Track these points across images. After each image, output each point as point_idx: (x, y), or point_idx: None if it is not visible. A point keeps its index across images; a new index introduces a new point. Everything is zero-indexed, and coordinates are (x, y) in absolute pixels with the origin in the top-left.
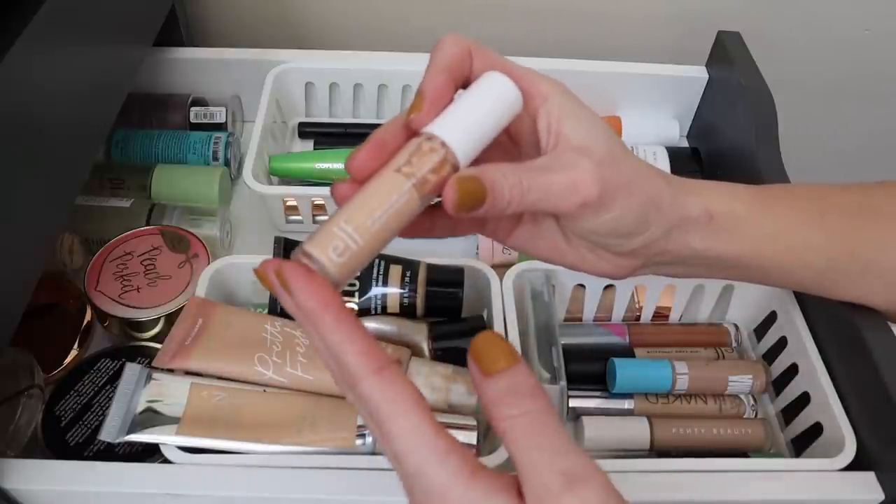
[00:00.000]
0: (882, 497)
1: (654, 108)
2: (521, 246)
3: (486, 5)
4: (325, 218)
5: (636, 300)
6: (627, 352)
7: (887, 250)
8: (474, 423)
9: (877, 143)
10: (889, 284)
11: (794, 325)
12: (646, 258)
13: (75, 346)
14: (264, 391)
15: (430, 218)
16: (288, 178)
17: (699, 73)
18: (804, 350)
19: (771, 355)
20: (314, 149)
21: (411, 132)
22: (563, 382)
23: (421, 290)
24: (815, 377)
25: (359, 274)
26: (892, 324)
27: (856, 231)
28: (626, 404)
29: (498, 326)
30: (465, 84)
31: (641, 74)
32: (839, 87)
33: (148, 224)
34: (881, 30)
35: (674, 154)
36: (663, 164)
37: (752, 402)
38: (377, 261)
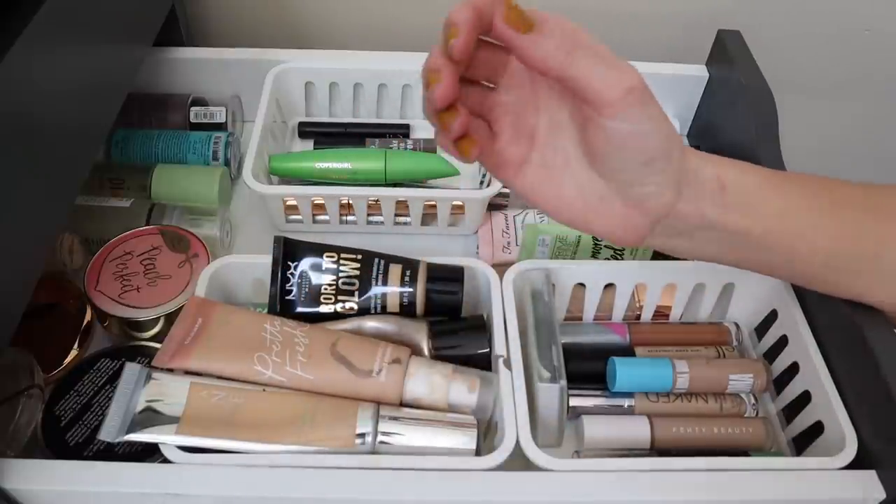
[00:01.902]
0: (883, 496)
1: None
2: (529, 189)
3: None
4: (326, 217)
5: (636, 299)
6: (628, 351)
7: (893, 247)
8: (474, 422)
9: (877, 143)
10: (893, 282)
11: (795, 324)
12: (656, 216)
13: (75, 346)
14: (264, 391)
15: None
16: (288, 178)
17: (699, 72)
18: (805, 349)
19: (772, 354)
20: (314, 148)
21: (454, 59)
22: (564, 381)
23: (421, 289)
24: (816, 376)
25: (358, 273)
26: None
27: (863, 224)
28: (627, 403)
29: (498, 326)
30: (486, 32)
31: (641, 73)
32: (839, 86)
33: (148, 224)
34: (881, 30)
35: None
36: None
37: (752, 400)
38: (377, 260)
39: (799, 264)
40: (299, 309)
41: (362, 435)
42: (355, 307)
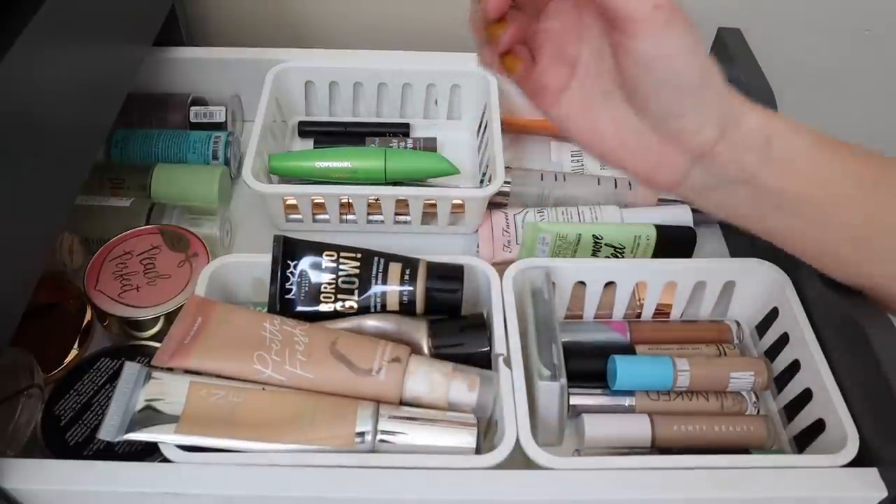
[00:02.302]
0: (885, 493)
1: None
2: (564, 118)
3: None
4: (326, 216)
5: (637, 297)
6: (628, 349)
7: None
8: (474, 421)
9: (877, 142)
10: None
11: (796, 322)
12: (694, 153)
13: (75, 345)
14: (263, 389)
15: None
16: (288, 177)
17: None
18: (806, 346)
19: (773, 352)
20: (314, 147)
21: None
22: (564, 380)
23: (420, 287)
24: (817, 373)
25: (358, 272)
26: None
27: None
28: (627, 402)
29: (498, 324)
30: None
31: None
32: (839, 85)
33: (148, 223)
34: (881, 30)
35: None
36: None
37: (753, 398)
38: (376, 259)
39: (830, 239)
40: (299, 308)
41: (362, 434)
42: (355, 306)
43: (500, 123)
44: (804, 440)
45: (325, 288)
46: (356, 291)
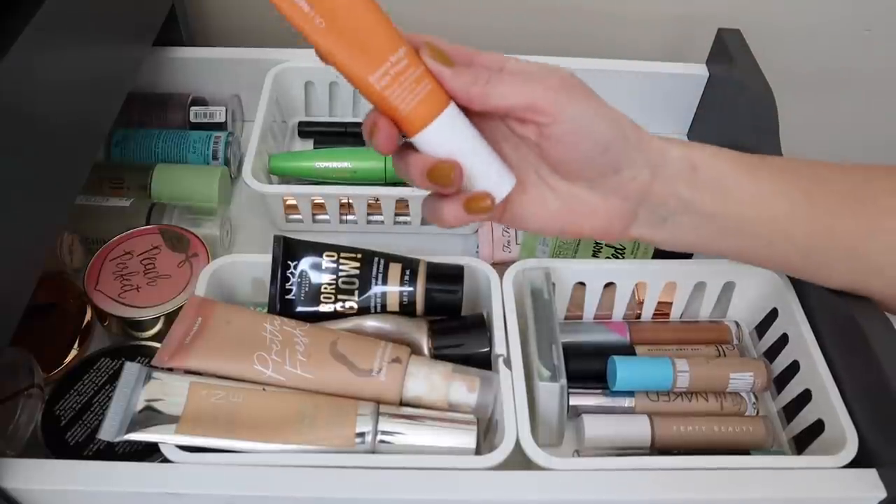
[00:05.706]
0: (884, 494)
1: (655, 106)
2: (519, 219)
3: (485, 4)
4: (326, 217)
5: (637, 298)
6: (628, 350)
7: (873, 238)
8: (474, 421)
9: (876, 142)
10: (875, 272)
11: (796, 322)
12: (636, 198)
13: (75, 345)
14: (264, 390)
15: None
16: (288, 178)
17: (700, 71)
18: (805, 347)
19: (772, 353)
20: (314, 148)
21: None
22: (564, 380)
23: (420, 288)
24: (817, 374)
25: (358, 273)
26: (891, 315)
27: (842, 214)
28: (627, 402)
29: (498, 325)
30: None
31: (642, 73)
32: (839, 86)
33: (148, 223)
34: (881, 30)
35: None
36: None
37: (753, 399)
38: (376, 259)
39: (779, 253)
40: (299, 308)
41: (362, 434)
42: (355, 306)
43: None
44: (803, 441)
45: (326, 288)
46: (356, 292)
